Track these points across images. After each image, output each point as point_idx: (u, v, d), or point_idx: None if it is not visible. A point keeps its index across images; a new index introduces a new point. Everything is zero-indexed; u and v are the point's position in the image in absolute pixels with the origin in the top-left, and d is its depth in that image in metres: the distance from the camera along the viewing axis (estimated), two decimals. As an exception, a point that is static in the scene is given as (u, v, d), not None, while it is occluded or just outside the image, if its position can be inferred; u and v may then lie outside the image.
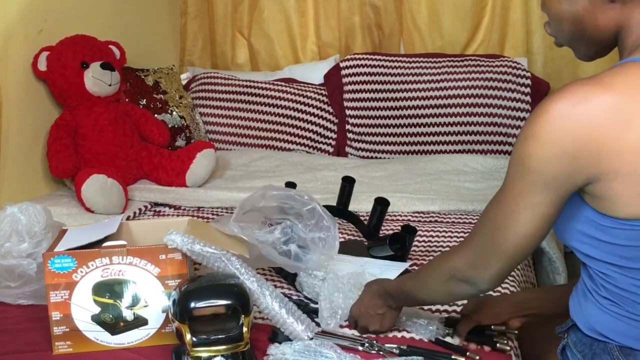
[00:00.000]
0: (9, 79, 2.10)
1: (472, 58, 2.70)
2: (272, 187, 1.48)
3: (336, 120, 2.81)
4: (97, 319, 1.25)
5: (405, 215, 2.01)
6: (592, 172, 0.97)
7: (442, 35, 2.88)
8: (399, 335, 1.27)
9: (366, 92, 2.75)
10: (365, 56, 2.81)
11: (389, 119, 2.71)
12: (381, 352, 1.21)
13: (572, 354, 1.13)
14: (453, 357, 1.18)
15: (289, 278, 1.50)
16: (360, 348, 1.22)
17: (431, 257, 1.65)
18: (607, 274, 1.05)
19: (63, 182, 2.30)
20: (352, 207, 1.86)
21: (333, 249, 1.41)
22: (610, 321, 1.06)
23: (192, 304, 1.13)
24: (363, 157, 2.75)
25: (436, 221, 1.95)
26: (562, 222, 1.06)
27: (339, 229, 1.50)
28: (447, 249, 1.71)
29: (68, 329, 1.25)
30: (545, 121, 0.97)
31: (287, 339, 1.23)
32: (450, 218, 1.98)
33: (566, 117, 0.95)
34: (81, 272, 1.23)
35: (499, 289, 1.45)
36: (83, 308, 1.24)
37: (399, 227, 1.63)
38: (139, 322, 1.26)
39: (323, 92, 2.84)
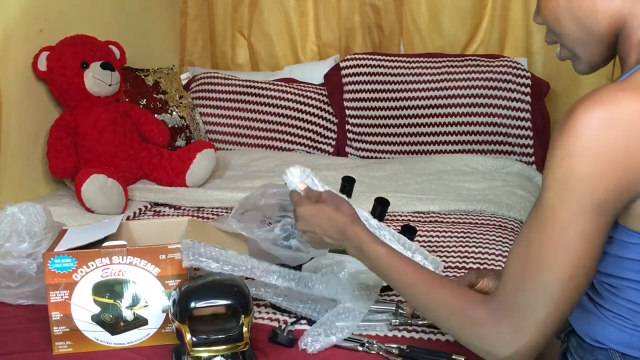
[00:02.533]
0: (9, 79, 2.10)
1: (472, 58, 2.71)
2: (272, 185, 1.48)
3: (336, 120, 2.81)
4: (97, 319, 1.25)
5: (405, 215, 2.01)
6: None
7: (442, 35, 2.88)
8: (399, 335, 1.27)
9: (366, 92, 2.75)
10: (365, 56, 2.81)
11: (389, 119, 2.71)
12: (380, 353, 1.20)
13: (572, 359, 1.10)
14: (453, 357, 1.17)
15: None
16: (360, 348, 1.22)
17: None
18: (618, 287, 0.99)
19: (63, 182, 2.30)
20: (352, 207, 1.86)
21: None
22: (614, 333, 1.01)
23: (192, 304, 1.13)
24: (363, 157, 2.75)
25: (436, 221, 1.95)
26: None
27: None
28: (447, 249, 1.71)
29: (68, 329, 1.24)
30: (586, 133, 0.86)
31: (288, 339, 1.23)
32: (450, 218, 1.98)
33: (611, 126, 0.86)
34: (81, 272, 1.23)
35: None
36: (83, 308, 1.24)
37: (399, 227, 1.63)
38: (139, 322, 1.26)
39: (323, 92, 2.84)
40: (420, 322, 1.29)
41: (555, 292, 0.89)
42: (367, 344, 1.22)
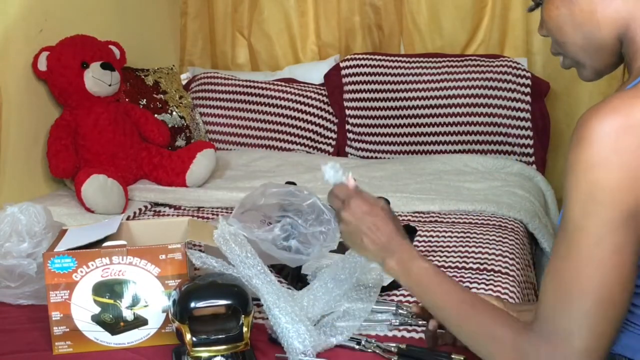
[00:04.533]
0: (9, 79, 2.10)
1: (472, 58, 2.70)
2: (272, 184, 1.48)
3: (336, 120, 2.81)
4: (97, 319, 1.25)
5: (405, 215, 2.01)
6: None
7: (442, 35, 2.88)
8: (399, 335, 1.27)
9: (366, 92, 2.75)
10: (365, 56, 2.81)
11: (389, 119, 2.71)
12: (377, 352, 1.20)
13: None
14: (453, 356, 1.17)
15: (290, 277, 1.50)
16: (356, 347, 1.21)
17: (431, 257, 1.65)
18: None
19: (63, 182, 2.30)
20: (352, 207, 1.86)
21: (334, 241, 1.41)
22: (622, 337, 0.99)
23: (192, 304, 1.13)
24: (363, 157, 2.75)
25: (436, 221, 1.95)
26: None
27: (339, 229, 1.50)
28: (447, 249, 1.71)
29: (68, 329, 1.24)
30: (606, 143, 0.84)
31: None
32: (450, 218, 1.98)
33: (630, 133, 0.84)
34: (81, 272, 1.23)
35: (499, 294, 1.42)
36: (83, 308, 1.24)
37: (399, 227, 1.63)
38: (139, 322, 1.26)
39: (323, 92, 2.84)
40: (420, 322, 1.29)
41: (594, 313, 0.84)
42: (364, 343, 1.21)
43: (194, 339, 1.13)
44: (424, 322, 1.28)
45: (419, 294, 1.06)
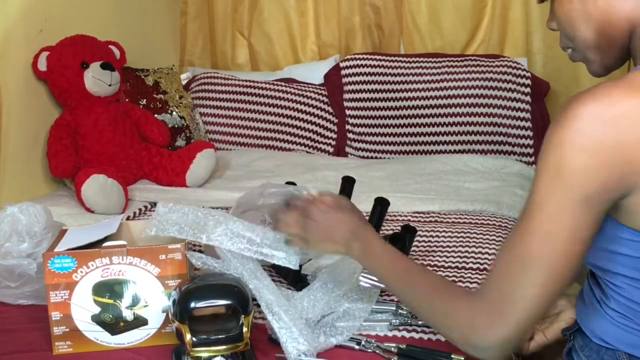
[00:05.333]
0: (9, 79, 2.10)
1: (472, 58, 2.71)
2: (270, 184, 1.48)
3: (336, 120, 2.81)
4: (97, 319, 1.25)
5: (405, 215, 2.01)
6: (632, 181, 0.87)
7: (442, 35, 2.88)
8: (399, 335, 1.27)
9: (366, 92, 2.75)
10: (365, 56, 2.81)
11: (389, 119, 2.71)
12: (377, 352, 1.20)
13: (578, 358, 1.10)
14: (453, 356, 1.17)
15: (289, 277, 1.50)
16: (356, 347, 1.21)
17: (431, 257, 1.65)
18: (620, 286, 1.00)
19: (63, 182, 2.30)
20: (352, 207, 1.86)
21: None
22: (619, 333, 1.02)
23: (192, 304, 1.13)
24: (363, 157, 2.75)
25: (436, 221, 1.95)
26: None
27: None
28: (447, 249, 1.71)
29: (68, 329, 1.24)
30: (578, 126, 0.86)
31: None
32: (450, 218, 1.98)
33: (604, 120, 0.86)
34: (81, 272, 1.23)
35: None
36: (83, 308, 1.24)
37: (399, 227, 1.63)
38: (139, 322, 1.26)
39: (323, 92, 2.85)
40: (420, 322, 1.29)
41: (538, 283, 0.89)
42: (364, 343, 1.21)
43: (194, 339, 1.13)
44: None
45: (379, 274, 1.13)
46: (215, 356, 1.14)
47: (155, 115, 2.53)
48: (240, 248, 1.20)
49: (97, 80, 2.26)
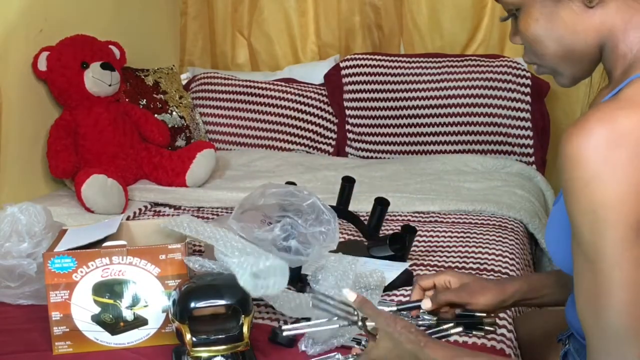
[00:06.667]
0: (9, 79, 2.11)
1: (472, 58, 2.71)
2: (271, 185, 1.48)
3: (336, 120, 2.81)
4: (97, 319, 1.25)
5: (405, 215, 2.01)
6: None
7: (442, 35, 2.88)
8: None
9: (366, 92, 2.75)
10: (365, 56, 2.81)
11: (389, 119, 2.71)
12: None
13: None
14: (485, 319, 1.20)
15: (290, 277, 1.49)
16: (356, 347, 1.21)
17: (431, 257, 1.65)
18: None
19: (63, 182, 2.30)
20: (352, 207, 1.86)
21: (333, 241, 1.41)
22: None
23: (192, 304, 1.13)
24: (363, 157, 2.75)
25: (436, 221, 1.95)
26: (565, 247, 0.92)
27: (339, 229, 1.50)
28: (447, 249, 1.71)
29: (68, 329, 1.24)
30: (595, 158, 0.81)
31: (288, 339, 1.23)
32: (450, 218, 1.98)
33: (617, 145, 0.81)
34: (81, 272, 1.23)
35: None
36: (83, 308, 1.24)
37: (399, 227, 1.63)
38: (139, 322, 1.26)
39: (323, 92, 2.85)
40: (420, 323, 1.29)
41: (632, 333, 0.82)
42: (364, 343, 1.21)
43: (194, 339, 1.13)
44: (423, 322, 1.28)
45: None
46: (215, 356, 1.14)
47: (155, 115, 2.53)
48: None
49: (97, 80, 2.26)
